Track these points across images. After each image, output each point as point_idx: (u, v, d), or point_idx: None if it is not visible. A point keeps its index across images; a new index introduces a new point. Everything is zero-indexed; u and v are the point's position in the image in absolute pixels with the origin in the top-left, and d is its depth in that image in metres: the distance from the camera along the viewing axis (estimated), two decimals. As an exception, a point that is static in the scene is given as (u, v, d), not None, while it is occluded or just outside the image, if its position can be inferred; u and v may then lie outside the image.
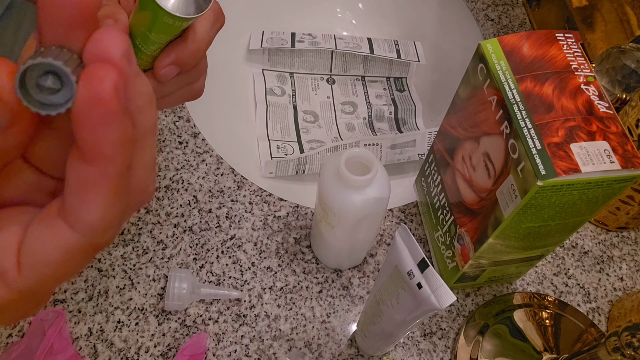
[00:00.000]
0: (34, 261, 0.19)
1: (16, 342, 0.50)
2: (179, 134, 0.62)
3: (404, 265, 0.38)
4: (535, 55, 0.41)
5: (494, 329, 0.53)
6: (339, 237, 0.50)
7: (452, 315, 0.55)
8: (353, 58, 0.76)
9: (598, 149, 0.37)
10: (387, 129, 0.75)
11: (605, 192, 0.39)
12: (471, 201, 0.47)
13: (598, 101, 0.39)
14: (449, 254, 0.52)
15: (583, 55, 0.42)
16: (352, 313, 0.54)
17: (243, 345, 0.51)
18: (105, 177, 0.18)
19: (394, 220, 0.60)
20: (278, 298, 0.54)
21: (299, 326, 0.53)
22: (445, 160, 0.52)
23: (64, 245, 0.19)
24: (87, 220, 0.18)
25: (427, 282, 0.36)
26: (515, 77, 0.40)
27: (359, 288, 0.55)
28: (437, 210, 0.54)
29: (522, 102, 0.39)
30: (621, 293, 0.58)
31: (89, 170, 0.18)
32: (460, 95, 0.47)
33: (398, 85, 0.79)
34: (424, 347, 0.53)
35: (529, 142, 0.38)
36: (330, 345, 0.52)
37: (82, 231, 0.18)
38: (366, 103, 0.77)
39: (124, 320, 0.52)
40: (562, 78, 0.40)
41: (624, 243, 0.61)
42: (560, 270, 0.59)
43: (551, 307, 0.55)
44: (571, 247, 0.60)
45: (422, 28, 0.79)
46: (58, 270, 0.19)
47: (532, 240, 0.45)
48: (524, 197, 0.38)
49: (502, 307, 0.55)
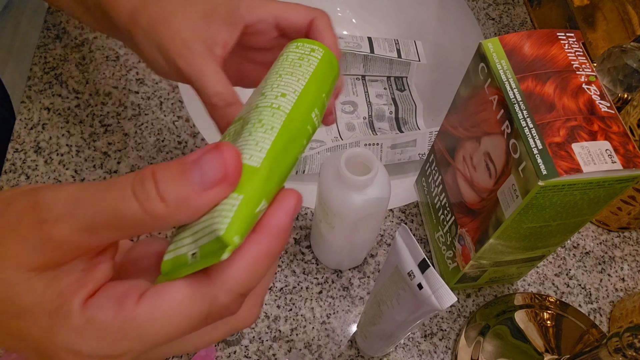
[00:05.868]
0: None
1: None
2: (178, 134, 0.62)
3: (405, 266, 0.37)
4: (536, 54, 0.41)
5: (495, 330, 0.53)
6: (339, 237, 0.50)
7: (452, 316, 0.55)
8: (353, 57, 0.76)
9: (599, 148, 0.37)
10: (388, 128, 0.75)
11: (607, 192, 0.39)
12: (472, 201, 0.47)
13: (599, 101, 0.39)
14: (450, 255, 0.52)
15: (584, 54, 0.42)
16: (353, 314, 0.54)
17: (242, 346, 0.51)
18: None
19: (395, 221, 0.59)
20: (278, 299, 0.54)
21: (299, 327, 0.53)
22: (446, 160, 0.51)
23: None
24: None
25: (428, 283, 0.36)
26: (517, 76, 0.40)
27: (359, 289, 0.55)
28: (438, 210, 0.54)
29: (523, 101, 0.39)
30: (622, 294, 0.58)
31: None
32: (461, 94, 0.47)
33: (398, 84, 0.78)
34: (425, 348, 0.53)
35: (530, 141, 0.37)
36: (330, 346, 0.52)
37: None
38: (366, 102, 0.77)
39: (123, 321, 0.51)
40: (564, 77, 0.40)
41: (625, 243, 0.61)
42: (562, 271, 0.58)
43: (552, 307, 0.55)
44: (572, 247, 0.60)
45: (422, 27, 0.79)
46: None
47: (534, 241, 0.45)
48: (525, 197, 0.38)
49: (503, 307, 0.54)
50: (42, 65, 0.65)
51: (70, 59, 0.66)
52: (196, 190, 0.19)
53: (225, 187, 0.20)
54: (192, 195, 0.19)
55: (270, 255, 0.21)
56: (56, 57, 0.66)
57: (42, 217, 0.20)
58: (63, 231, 0.20)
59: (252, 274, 0.21)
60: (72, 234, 0.20)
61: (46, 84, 0.64)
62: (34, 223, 0.20)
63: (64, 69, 0.65)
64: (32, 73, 0.64)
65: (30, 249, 0.20)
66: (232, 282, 0.21)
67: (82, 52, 0.66)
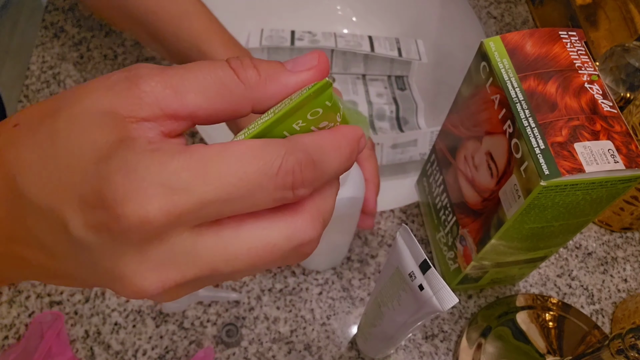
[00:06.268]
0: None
1: (14, 345, 0.50)
2: (178, 134, 0.62)
3: (406, 267, 0.37)
4: (538, 53, 0.41)
5: (497, 331, 0.52)
6: None
7: (454, 317, 0.54)
8: (353, 56, 0.76)
9: (602, 148, 0.37)
10: (388, 128, 0.74)
11: (609, 192, 0.39)
12: (473, 201, 0.46)
13: (602, 100, 0.39)
14: (451, 255, 0.52)
15: (587, 53, 0.41)
16: (353, 315, 0.53)
17: (242, 347, 0.51)
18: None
19: (395, 221, 0.59)
20: (277, 300, 0.53)
21: (299, 328, 0.52)
22: (447, 160, 0.51)
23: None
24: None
25: (429, 284, 0.36)
26: (518, 75, 0.40)
27: (360, 290, 0.55)
28: (439, 210, 0.54)
29: (525, 100, 0.39)
30: (625, 294, 0.57)
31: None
32: (463, 93, 0.47)
33: (399, 83, 0.78)
34: (426, 349, 0.52)
35: (532, 141, 0.37)
36: (330, 348, 0.52)
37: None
38: (367, 102, 0.76)
39: (121, 322, 0.51)
40: (566, 76, 0.40)
41: (628, 244, 0.60)
42: (564, 272, 0.58)
43: (554, 308, 0.55)
44: (575, 248, 0.60)
45: (423, 26, 0.79)
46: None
47: (536, 241, 0.45)
48: (527, 198, 0.37)
49: (504, 309, 0.54)
50: (39, 64, 0.65)
51: (68, 58, 0.65)
52: (288, 71, 0.22)
53: (314, 73, 0.22)
54: (284, 72, 0.22)
55: (339, 150, 0.21)
56: (54, 56, 0.65)
57: (135, 73, 0.20)
58: (151, 83, 0.20)
59: (324, 148, 0.21)
60: (158, 88, 0.20)
61: (44, 83, 0.63)
62: (125, 77, 0.20)
63: (62, 68, 0.65)
64: (30, 72, 0.64)
65: (114, 94, 0.20)
66: (306, 141, 0.21)
67: (80, 50, 0.66)
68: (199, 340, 0.51)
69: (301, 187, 0.20)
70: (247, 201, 0.19)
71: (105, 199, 0.18)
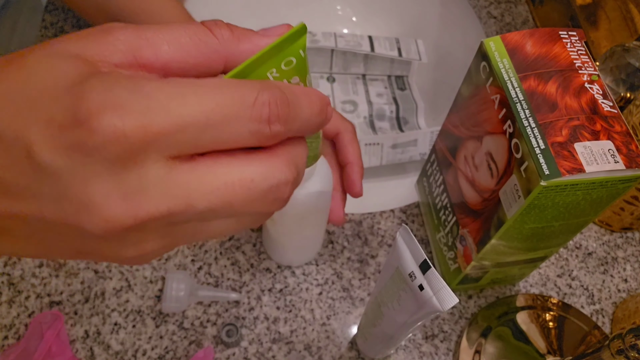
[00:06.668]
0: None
1: (13, 345, 0.50)
2: (178, 134, 0.62)
3: (406, 267, 0.37)
4: (538, 53, 0.41)
5: (497, 332, 0.52)
6: (283, 232, 0.49)
7: (454, 317, 0.54)
8: (353, 56, 0.76)
9: (602, 148, 0.37)
10: (388, 128, 0.74)
11: (610, 192, 0.39)
12: (474, 201, 0.46)
13: (602, 100, 0.39)
14: (451, 256, 0.52)
15: (587, 53, 0.41)
16: (353, 315, 0.53)
17: (242, 347, 0.51)
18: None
19: (395, 221, 0.59)
20: (277, 300, 0.53)
21: (299, 329, 0.52)
22: (447, 160, 0.51)
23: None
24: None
25: (429, 284, 0.36)
26: (519, 75, 0.40)
27: (360, 290, 0.55)
28: (439, 210, 0.54)
29: (525, 100, 0.39)
30: (625, 295, 0.57)
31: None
32: (463, 93, 0.46)
33: (399, 83, 0.78)
34: (426, 349, 0.52)
35: (533, 141, 0.37)
36: (330, 348, 0.51)
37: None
38: (367, 102, 0.76)
39: (121, 322, 0.51)
40: (566, 76, 0.40)
41: (628, 244, 0.60)
42: (564, 272, 0.58)
43: (555, 309, 0.54)
44: (575, 248, 0.60)
45: (423, 26, 0.79)
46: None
47: (536, 241, 0.45)
48: (527, 198, 0.37)
49: (505, 309, 0.54)
50: (40, 65, 0.65)
51: (68, 58, 0.65)
52: (260, 34, 0.23)
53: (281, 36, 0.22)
54: (256, 34, 0.22)
55: (311, 101, 0.22)
56: (54, 56, 0.65)
57: (109, 25, 0.20)
58: (125, 32, 0.20)
59: (296, 94, 0.21)
60: (132, 37, 0.20)
61: (44, 83, 0.63)
62: (99, 29, 0.20)
63: (63, 68, 0.65)
64: (30, 72, 0.64)
65: (86, 40, 0.20)
66: (280, 84, 0.21)
67: (80, 51, 0.66)
68: (199, 341, 0.51)
69: (277, 122, 0.20)
70: (223, 131, 0.19)
71: (79, 113, 0.17)
